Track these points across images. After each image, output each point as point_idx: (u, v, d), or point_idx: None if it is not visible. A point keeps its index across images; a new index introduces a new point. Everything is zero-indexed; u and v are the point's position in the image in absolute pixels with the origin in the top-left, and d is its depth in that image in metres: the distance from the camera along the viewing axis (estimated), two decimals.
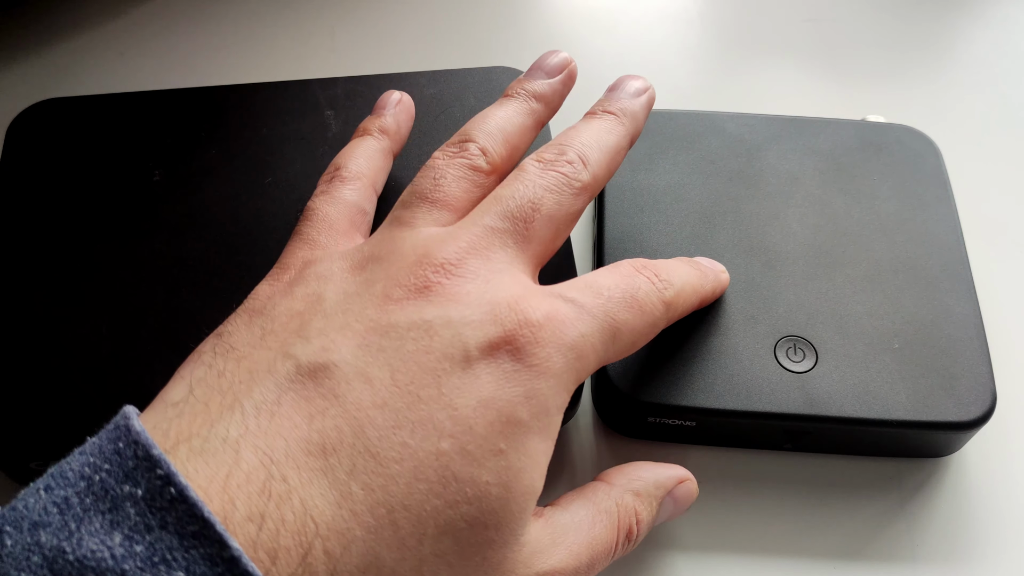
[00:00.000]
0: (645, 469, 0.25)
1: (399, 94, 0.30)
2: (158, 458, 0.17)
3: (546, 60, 0.28)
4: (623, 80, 0.28)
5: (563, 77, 0.28)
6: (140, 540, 0.16)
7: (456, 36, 0.42)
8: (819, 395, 0.27)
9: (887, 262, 0.30)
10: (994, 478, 0.29)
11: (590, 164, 0.25)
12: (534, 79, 0.28)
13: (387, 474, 0.19)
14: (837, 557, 0.28)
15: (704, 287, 0.27)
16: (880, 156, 0.33)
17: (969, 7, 0.44)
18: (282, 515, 0.18)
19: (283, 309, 0.22)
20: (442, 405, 0.20)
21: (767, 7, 0.43)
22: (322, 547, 0.18)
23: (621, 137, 0.27)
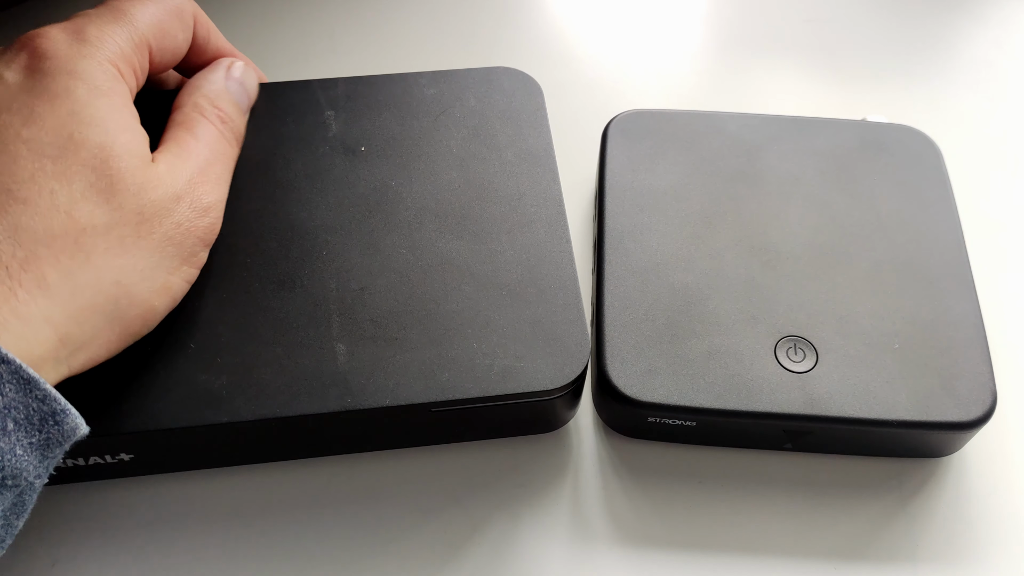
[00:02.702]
0: (198, 83, 0.29)
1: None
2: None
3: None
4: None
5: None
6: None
7: (456, 36, 0.42)
8: (819, 395, 0.27)
9: (887, 262, 0.30)
10: (994, 478, 0.29)
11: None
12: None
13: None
14: (837, 557, 0.28)
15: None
16: (880, 156, 0.33)
17: (969, 7, 0.44)
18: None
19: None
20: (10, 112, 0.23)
21: (767, 7, 0.43)
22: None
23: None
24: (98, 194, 0.23)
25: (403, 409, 0.26)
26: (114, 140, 0.24)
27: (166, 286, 0.25)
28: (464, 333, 0.27)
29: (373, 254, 0.29)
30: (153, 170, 0.25)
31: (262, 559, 0.27)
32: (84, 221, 0.22)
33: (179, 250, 0.25)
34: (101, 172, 0.23)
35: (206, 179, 0.26)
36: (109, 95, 0.25)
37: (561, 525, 0.28)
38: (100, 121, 0.24)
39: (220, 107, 0.29)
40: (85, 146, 0.23)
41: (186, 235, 0.25)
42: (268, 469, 0.29)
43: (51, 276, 0.22)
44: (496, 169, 0.31)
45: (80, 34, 0.25)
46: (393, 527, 0.28)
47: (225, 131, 0.28)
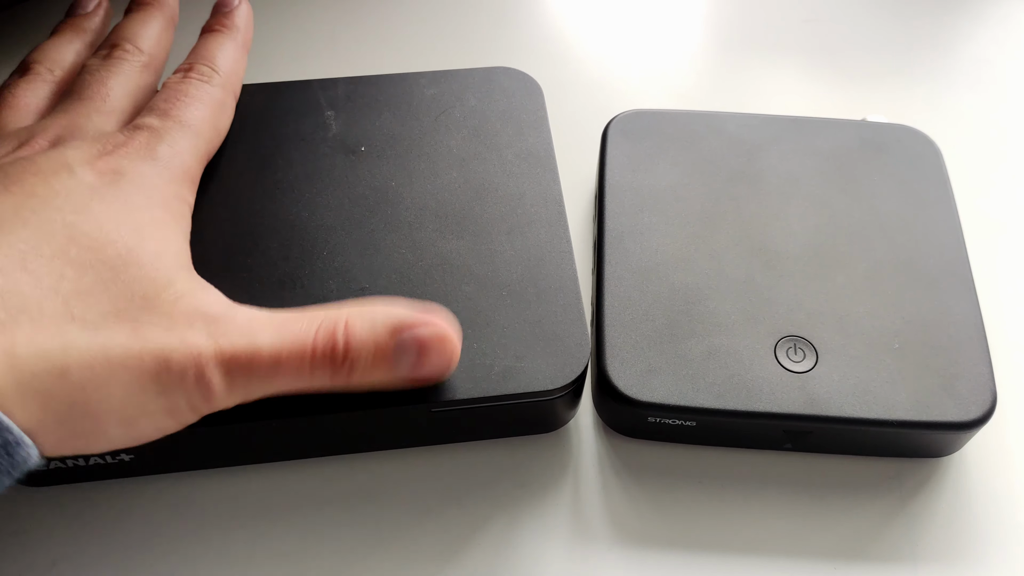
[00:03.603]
0: (380, 298, 0.26)
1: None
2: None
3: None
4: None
5: (103, 11, 0.33)
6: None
7: (456, 36, 0.42)
8: (819, 395, 0.27)
9: (887, 262, 0.30)
10: (994, 478, 0.29)
11: (221, 71, 0.31)
12: (77, 15, 0.33)
13: (13, 237, 0.22)
14: (837, 557, 0.28)
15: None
16: (880, 156, 0.33)
17: (969, 7, 0.44)
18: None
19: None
20: (55, 194, 0.23)
21: (767, 7, 0.43)
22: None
23: (236, 46, 0.32)
24: (103, 293, 0.22)
25: (403, 409, 0.26)
26: (144, 250, 0.23)
27: (130, 420, 0.22)
28: (464, 333, 0.27)
29: (373, 254, 0.29)
30: (179, 287, 0.23)
31: (262, 559, 0.27)
32: (77, 313, 0.22)
33: (167, 389, 0.22)
34: (118, 274, 0.22)
35: (249, 331, 0.23)
36: (164, 210, 0.25)
37: (561, 525, 0.28)
38: (143, 227, 0.24)
39: (351, 334, 0.24)
40: (116, 245, 0.23)
41: (186, 365, 0.22)
42: (268, 469, 0.29)
43: (21, 349, 0.20)
44: (496, 169, 0.31)
45: (151, 150, 0.26)
46: (393, 527, 0.28)
47: (324, 356, 0.24)
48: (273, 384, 0.23)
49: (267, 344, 0.23)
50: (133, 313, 0.22)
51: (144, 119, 0.27)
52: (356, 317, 0.24)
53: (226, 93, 0.30)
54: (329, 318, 0.24)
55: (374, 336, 0.24)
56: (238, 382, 0.23)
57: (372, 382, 0.24)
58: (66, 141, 0.26)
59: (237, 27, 0.32)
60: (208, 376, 0.22)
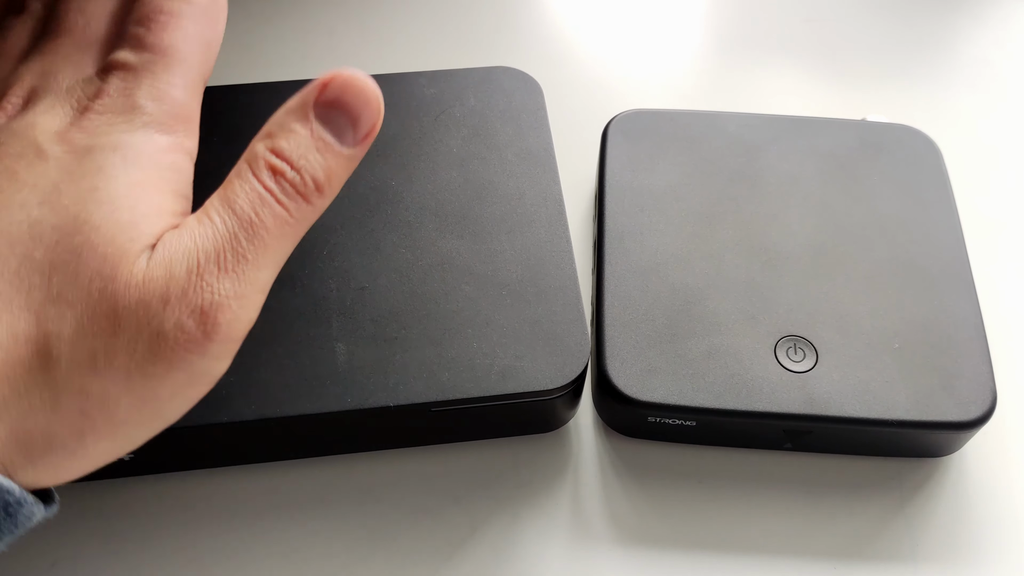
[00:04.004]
0: (276, 112, 0.22)
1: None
2: None
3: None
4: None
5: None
6: None
7: (456, 36, 0.42)
8: (819, 395, 0.27)
9: (887, 262, 0.30)
10: (994, 478, 0.29)
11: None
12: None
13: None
14: (837, 557, 0.28)
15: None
16: (880, 156, 0.33)
17: (969, 7, 0.44)
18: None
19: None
20: (20, 186, 0.20)
21: (767, 7, 0.43)
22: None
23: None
24: (75, 292, 0.19)
25: (403, 409, 0.26)
26: (113, 222, 0.20)
27: (154, 415, 0.20)
28: (464, 333, 0.27)
29: (373, 254, 0.29)
30: (145, 260, 0.20)
31: (262, 559, 0.27)
32: (51, 327, 0.19)
33: (169, 370, 0.19)
34: (82, 265, 0.19)
35: (221, 265, 0.20)
36: (148, 168, 0.21)
37: (561, 525, 0.28)
38: (114, 200, 0.20)
39: (279, 152, 0.21)
40: (83, 228, 0.20)
41: (178, 348, 0.19)
42: (268, 469, 0.29)
43: (3, 391, 0.18)
44: (496, 169, 0.31)
45: (130, 98, 0.22)
46: (393, 527, 0.28)
47: (276, 188, 0.21)
48: (270, 266, 0.21)
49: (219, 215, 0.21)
50: (109, 307, 0.19)
51: (119, 54, 0.23)
52: (274, 136, 0.22)
53: (216, 3, 0.24)
54: (255, 161, 0.21)
55: (298, 137, 0.22)
56: (238, 314, 0.20)
57: (341, 177, 0.22)
58: (38, 97, 0.22)
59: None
60: (206, 333, 0.20)
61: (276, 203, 0.21)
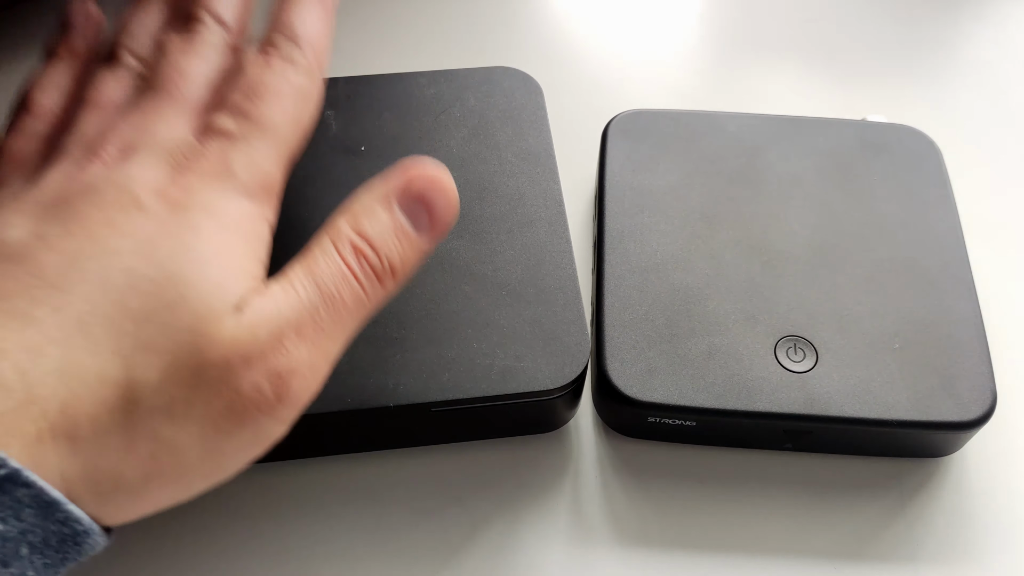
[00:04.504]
0: (354, 197, 0.23)
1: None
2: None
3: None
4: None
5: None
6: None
7: (456, 36, 0.42)
8: (819, 395, 0.27)
9: (887, 262, 0.30)
10: (994, 478, 0.29)
11: (307, 47, 0.26)
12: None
13: (72, 296, 0.20)
14: (837, 557, 0.28)
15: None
16: (880, 156, 0.33)
17: (969, 7, 0.44)
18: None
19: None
20: (118, 235, 0.21)
21: (767, 7, 0.43)
22: (9, 365, 0.19)
23: (323, 10, 0.27)
24: (162, 343, 0.20)
25: (403, 409, 0.26)
26: (205, 282, 0.21)
27: (216, 468, 0.21)
28: (464, 333, 0.27)
29: None
30: (232, 321, 0.21)
31: (262, 559, 0.27)
32: (138, 374, 0.20)
33: (239, 427, 0.20)
34: (174, 318, 0.20)
35: (300, 334, 0.21)
36: (235, 232, 0.22)
37: (561, 525, 0.28)
38: (209, 256, 0.21)
39: (364, 234, 0.22)
40: (177, 283, 0.21)
41: (250, 408, 0.20)
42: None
43: (84, 430, 0.19)
44: (496, 169, 0.31)
45: (226, 163, 0.23)
46: (393, 527, 0.28)
47: (358, 268, 0.22)
48: (341, 340, 0.22)
49: (306, 290, 0.22)
50: (194, 361, 0.20)
51: (220, 121, 0.24)
52: (364, 221, 0.23)
53: (312, 79, 0.25)
54: (340, 239, 0.22)
55: (385, 224, 0.23)
56: (310, 383, 0.22)
57: (412, 266, 0.23)
58: (136, 151, 0.23)
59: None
60: (279, 396, 0.21)
61: (356, 282, 0.22)
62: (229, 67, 0.26)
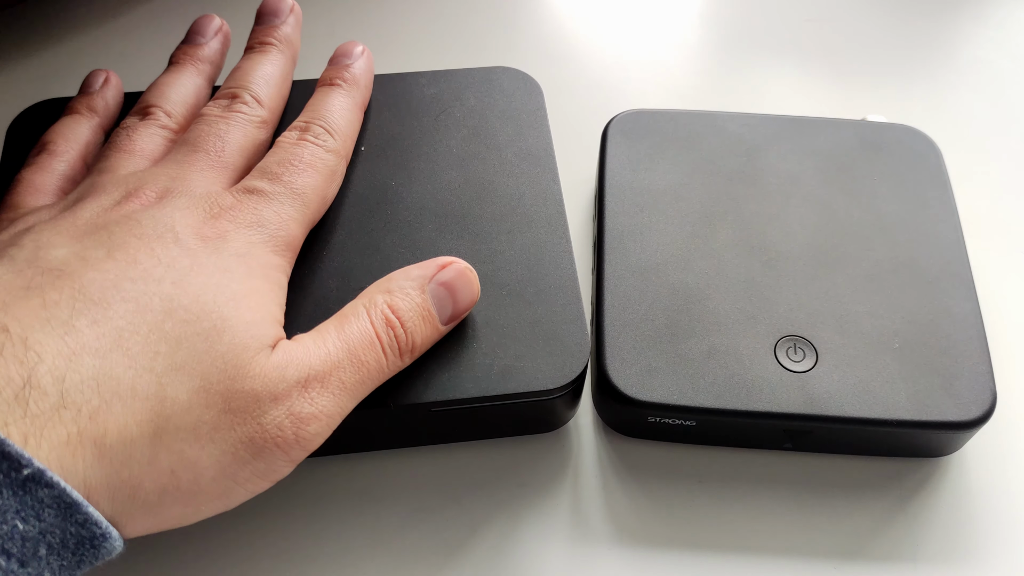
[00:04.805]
0: (392, 274, 0.26)
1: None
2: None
3: (202, 25, 0.33)
4: (342, 48, 0.32)
5: (220, 38, 0.33)
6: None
7: (456, 36, 0.42)
8: (819, 395, 0.27)
9: (887, 262, 0.30)
10: (994, 478, 0.30)
11: (337, 135, 0.29)
12: (195, 44, 0.32)
13: (111, 312, 0.21)
14: (837, 557, 0.28)
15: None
16: (880, 156, 0.33)
17: (969, 7, 0.44)
18: (1, 350, 0.19)
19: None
20: (157, 262, 0.23)
21: (767, 7, 0.43)
22: (47, 369, 0.19)
23: (354, 105, 0.31)
24: (195, 367, 0.21)
25: (403, 409, 0.26)
26: (239, 319, 0.23)
27: (225, 492, 0.22)
28: (464, 333, 0.27)
29: (373, 254, 0.29)
30: (264, 359, 0.22)
31: (262, 559, 0.27)
32: (169, 392, 0.21)
33: (255, 457, 0.22)
34: (211, 344, 0.22)
35: (324, 384, 0.23)
36: (263, 279, 0.24)
37: (561, 525, 0.28)
38: (239, 295, 0.23)
39: (396, 310, 0.25)
40: (211, 315, 0.22)
41: (269, 443, 0.22)
42: None
43: (111, 437, 0.20)
44: (496, 169, 0.31)
45: (258, 216, 0.25)
46: (393, 527, 0.28)
47: (385, 338, 0.24)
48: (356, 400, 0.24)
49: (337, 352, 0.24)
50: (221, 387, 0.22)
51: (255, 182, 0.26)
52: (398, 298, 0.25)
53: (339, 159, 0.29)
54: (374, 308, 0.25)
55: (414, 303, 0.25)
56: (326, 425, 0.23)
57: (428, 346, 0.26)
58: (173, 195, 0.25)
59: (357, 82, 0.31)
60: (296, 437, 0.23)
61: (381, 350, 0.24)
62: (263, 142, 0.29)
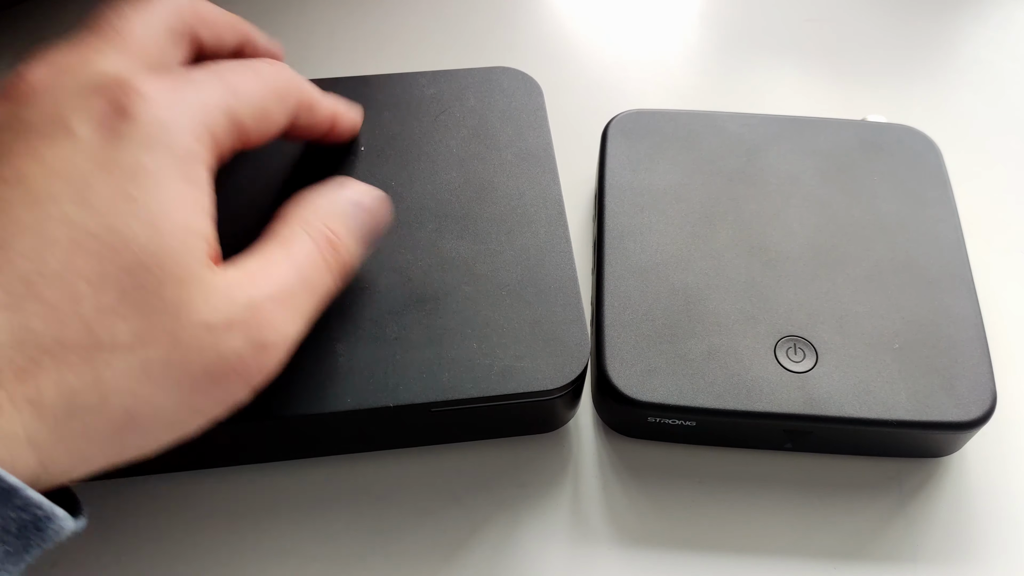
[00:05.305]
0: (312, 196, 0.25)
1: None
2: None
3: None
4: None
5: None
6: None
7: (456, 36, 0.42)
8: (819, 395, 0.27)
9: (887, 262, 0.30)
10: (994, 478, 0.29)
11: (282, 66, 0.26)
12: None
13: (11, 254, 0.19)
14: (837, 557, 0.28)
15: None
16: (880, 156, 0.33)
17: (969, 7, 0.44)
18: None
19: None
20: (49, 173, 0.20)
21: (767, 7, 0.43)
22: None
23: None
24: (129, 307, 0.19)
25: (403, 409, 0.26)
26: (166, 243, 0.20)
27: (185, 422, 0.21)
28: (464, 333, 0.27)
29: (373, 254, 0.29)
30: (206, 286, 0.20)
31: (262, 559, 0.27)
32: (104, 337, 0.19)
33: (216, 387, 0.21)
34: (139, 281, 0.19)
35: (279, 308, 0.22)
36: (184, 180, 0.21)
37: (561, 525, 0.28)
38: (157, 215, 0.20)
39: (332, 227, 0.24)
40: (130, 246, 0.20)
41: (230, 372, 0.21)
42: (268, 469, 0.29)
43: (48, 394, 0.18)
44: (496, 169, 0.31)
45: (178, 94, 0.22)
46: (393, 527, 0.28)
47: (328, 256, 0.23)
48: (307, 322, 0.23)
49: (289, 276, 0.22)
50: (165, 323, 0.20)
51: (174, 68, 0.23)
52: (329, 216, 0.24)
53: (288, 91, 0.25)
54: (315, 232, 0.24)
55: (347, 225, 0.25)
56: (283, 349, 0.22)
57: (357, 265, 0.25)
58: (64, 77, 0.21)
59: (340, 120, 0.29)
60: (256, 364, 0.21)
61: (326, 269, 0.23)
62: (190, 37, 0.25)
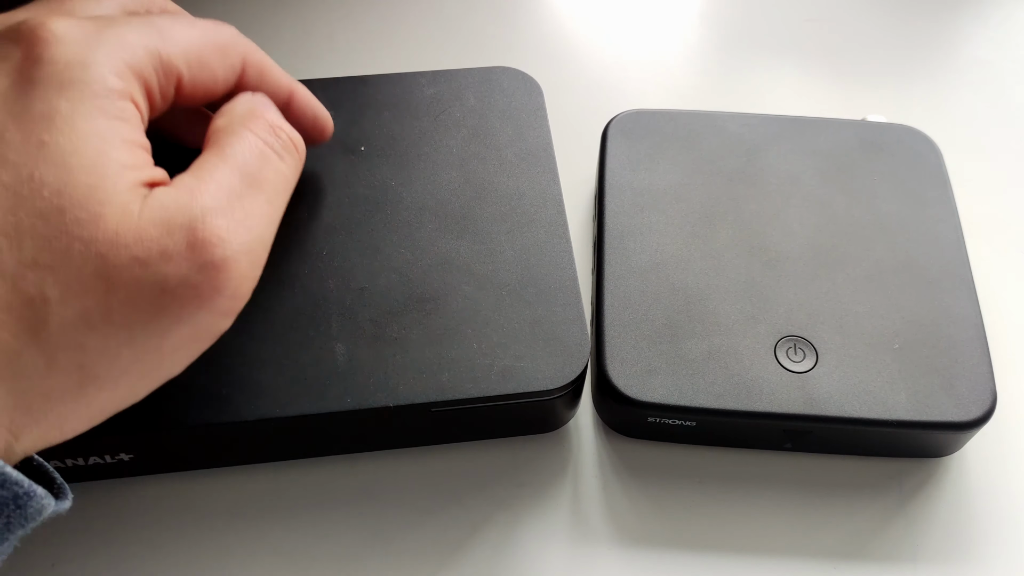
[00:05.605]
0: (232, 101, 0.23)
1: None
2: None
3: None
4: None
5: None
6: None
7: (456, 36, 0.42)
8: (819, 395, 0.27)
9: (887, 262, 0.30)
10: (994, 478, 0.29)
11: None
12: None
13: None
14: (837, 557, 0.28)
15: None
16: (880, 156, 0.33)
17: (969, 7, 0.44)
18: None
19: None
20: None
21: (767, 7, 0.43)
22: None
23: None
24: (52, 256, 0.18)
25: (403, 409, 0.26)
26: (78, 179, 0.19)
27: (156, 366, 0.20)
28: (464, 333, 0.27)
29: (373, 254, 0.29)
30: (135, 217, 0.19)
31: (262, 559, 0.27)
32: (33, 291, 0.18)
33: (176, 323, 0.19)
34: (56, 226, 0.18)
35: (224, 218, 0.20)
36: (101, 114, 0.20)
37: (561, 525, 0.28)
38: (69, 154, 0.19)
39: (266, 115, 0.23)
40: (42, 191, 0.18)
41: (186, 303, 0.19)
42: (268, 469, 0.29)
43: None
44: (496, 169, 0.31)
45: (98, 34, 0.20)
46: (393, 527, 0.28)
47: (272, 140, 0.22)
48: (273, 222, 0.22)
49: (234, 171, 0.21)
50: (92, 266, 0.18)
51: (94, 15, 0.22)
52: (262, 109, 0.23)
53: (231, 47, 0.24)
54: (253, 123, 0.22)
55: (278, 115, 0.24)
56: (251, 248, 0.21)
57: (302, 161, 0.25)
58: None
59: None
60: (212, 285, 0.20)
61: (275, 155, 0.22)
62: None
